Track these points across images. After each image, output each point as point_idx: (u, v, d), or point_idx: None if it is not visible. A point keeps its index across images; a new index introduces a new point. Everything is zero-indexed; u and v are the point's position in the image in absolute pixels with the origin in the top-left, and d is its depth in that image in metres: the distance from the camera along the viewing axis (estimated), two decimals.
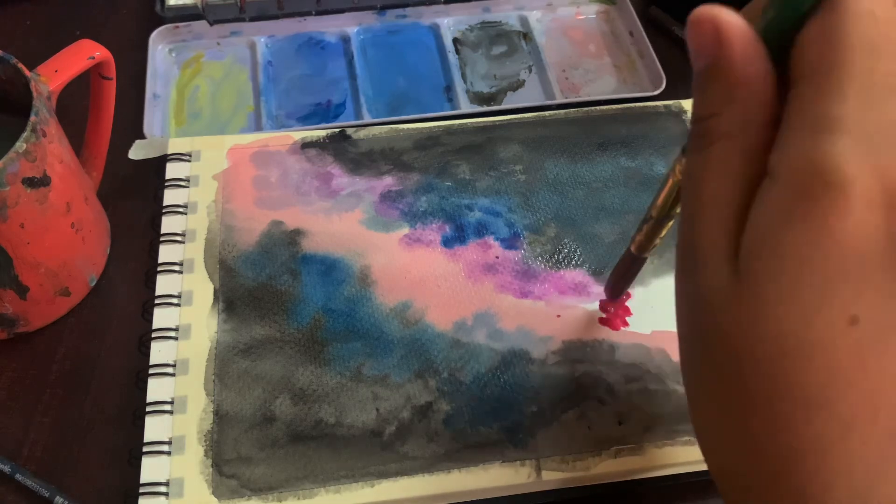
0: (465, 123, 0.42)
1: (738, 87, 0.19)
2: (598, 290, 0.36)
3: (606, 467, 0.31)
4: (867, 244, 0.17)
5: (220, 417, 0.32)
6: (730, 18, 0.19)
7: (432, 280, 0.36)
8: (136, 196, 0.40)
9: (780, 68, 0.19)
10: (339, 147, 0.41)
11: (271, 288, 0.36)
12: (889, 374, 0.18)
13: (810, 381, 0.18)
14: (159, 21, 0.47)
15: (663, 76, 0.45)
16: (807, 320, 0.17)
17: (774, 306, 0.18)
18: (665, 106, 0.43)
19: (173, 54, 0.47)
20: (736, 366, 0.19)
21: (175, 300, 0.35)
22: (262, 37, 0.48)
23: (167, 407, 0.32)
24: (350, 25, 0.49)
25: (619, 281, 0.34)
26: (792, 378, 0.18)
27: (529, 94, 0.47)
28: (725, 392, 0.20)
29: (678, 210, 0.27)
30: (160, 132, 0.43)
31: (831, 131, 0.17)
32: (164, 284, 0.35)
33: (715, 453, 0.21)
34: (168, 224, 0.37)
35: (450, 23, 0.50)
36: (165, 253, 0.36)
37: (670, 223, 0.28)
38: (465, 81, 0.47)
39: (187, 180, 0.39)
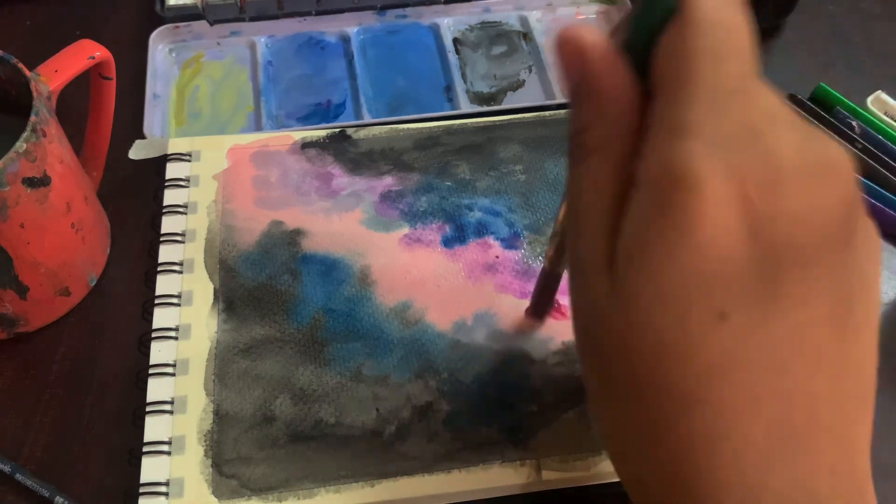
0: (465, 123, 0.42)
1: (602, 102, 0.20)
2: None
3: (606, 467, 0.31)
4: (726, 241, 0.17)
5: (220, 417, 0.32)
6: (590, 37, 0.20)
7: (432, 280, 0.36)
8: (136, 196, 0.40)
9: (647, 80, 0.20)
10: (339, 147, 0.41)
11: (271, 288, 0.36)
12: (765, 366, 0.18)
13: (687, 378, 0.18)
14: (159, 21, 0.47)
15: None
16: (678, 321, 0.18)
17: (647, 310, 0.18)
18: None
19: (173, 54, 0.48)
20: (619, 371, 0.19)
21: (175, 300, 0.35)
22: (262, 37, 0.48)
23: (167, 407, 0.32)
24: (350, 25, 0.49)
25: (541, 298, 0.33)
26: (670, 378, 0.18)
27: (529, 94, 0.47)
28: (615, 397, 0.20)
29: None
30: (160, 132, 0.43)
31: (683, 136, 0.18)
32: (164, 284, 0.35)
33: (618, 460, 0.22)
34: (168, 224, 0.37)
35: (450, 23, 0.50)
36: (165, 253, 0.36)
37: None
38: (465, 81, 0.47)
39: (187, 180, 0.39)
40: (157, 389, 0.33)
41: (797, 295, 0.18)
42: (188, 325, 0.34)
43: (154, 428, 0.32)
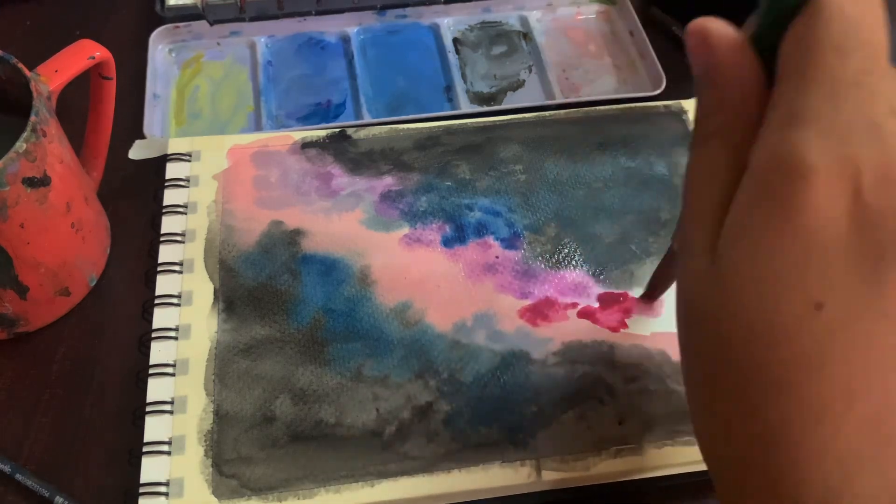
0: (465, 123, 0.42)
1: (726, 90, 0.20)
2: (599, 291, 0.36)
3: (606, 467, 0.31)
4: (830, 231, 0.17)
5: (220, 417, 0.32)
6: (718, 28, 0.20)
7: (432, 280, 0.36)
8: (136, 196, 0.40)
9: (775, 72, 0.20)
10: (339, 147, 0.41)
11: (271, 288, 0.36)
12: (860, 362, 0.18)
13: (777, 364, 0.18)
14: (159, 21, 0.47)
15: (663, 76, 0.45)
16: (773, 305, 0.18)
17: (742, 290, 0.18)
18: (665, 106, 0.43)
19: (173, 54, 0.47)
20: (713, 350, 0.20)
21: (175, 300, 0.35)
22: (262, 37, 0.48)
23: (167, 407, 0.32)
24: (350, 25, 0.49)
25: (661, 279, 0.34)
26: (759, 361, 0.18)
27: (529, 94, 0.47)
28: (708, 377, 0.20)
29: None
30: (160, 132, 0.43)
31: (797, 125, 0.18)
32: (164, 284, 0.35)
33: (705, 441, 0.22)
34: (168, 224, 0.37)
35: (450, 23, 0.50)
36: (165, 253, 0.36)
37: None
38: (465, 81, 0.47)
39: (187, 180, 0.39)
40: (157, 389, 0.33)
41: None
42: (188, 325, 0.34)
43: (154, 428, 0.32)
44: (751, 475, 0.19)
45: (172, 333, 0.34)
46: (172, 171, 0.39)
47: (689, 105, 0.43)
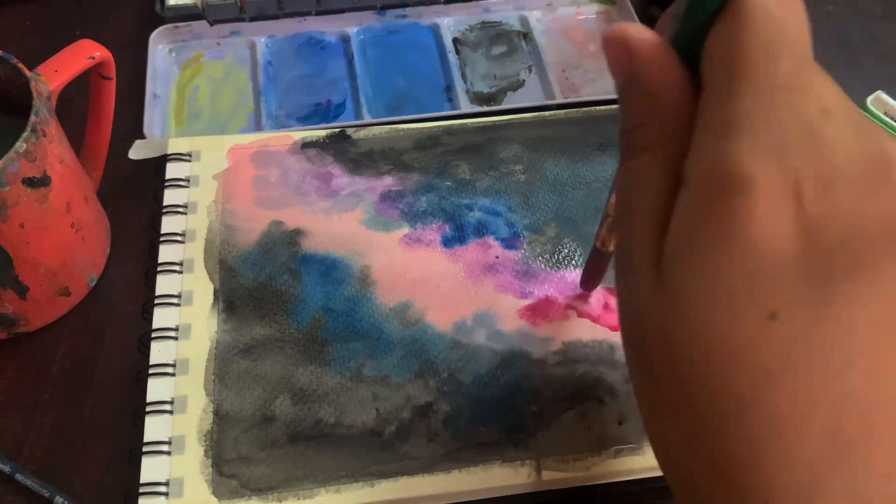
0: (465, 123, 0.42)
1: (653, 98, 0.20)
2: (598, 291, 0.36)
3: (606, 467, 0.31)
4: (777, 242, 0.17)
5: (220, 417, 0.32)
6: (638, 33, 0.19)
7: (432, 280, 0.36)
8: (136, 196, 0.40)
9: (698, 74, 0.19)
10: (339, 147, 0.41)
11: (271, 288, 0.36)
12: (819, 369, 0.17)
13: (736, 380, 0.18)
14: (159, 21, 0.47)
15: None
16: (726, 320, 0.18)
17: (694, 309, 0.18)
18: None
19: (173, 54, 0.48)
20: (667, 370, 0.19)
21: (175, 300, 0.35)
22: (262, 37, 0.48)
23: (167, 407, 0.32)
24: (350, 25, 0.49)
25: (591, 274, 0.34)
26: (718, 378, 0.18)
27: (529, 94, 0.47)
28: (662, 396, 0.20)
29: None
30: (160, 132, 0.43)
31: (733, 134, 0.17)
32: (164, 284, 0.35)
33: (663, 457, 0.21)
34: (168, 224, 0.37)
35: (450, 23, 0.50)
36: (165, 253, 0.36)
37: None
38: (465, 81, 0.47)
39: (187, 180, 0.39)
40: (157, 389, 0.33)
41: (852, 298, 0.17)
42: (188, 325, 0.34)
43: (154, 428, 0.32)
44: (719, 492, 0.19)
45: (172, 333, 0.34)
46: (172, 171, 0.39)
47: None
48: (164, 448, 0.31)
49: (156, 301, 0.35)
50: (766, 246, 0.17)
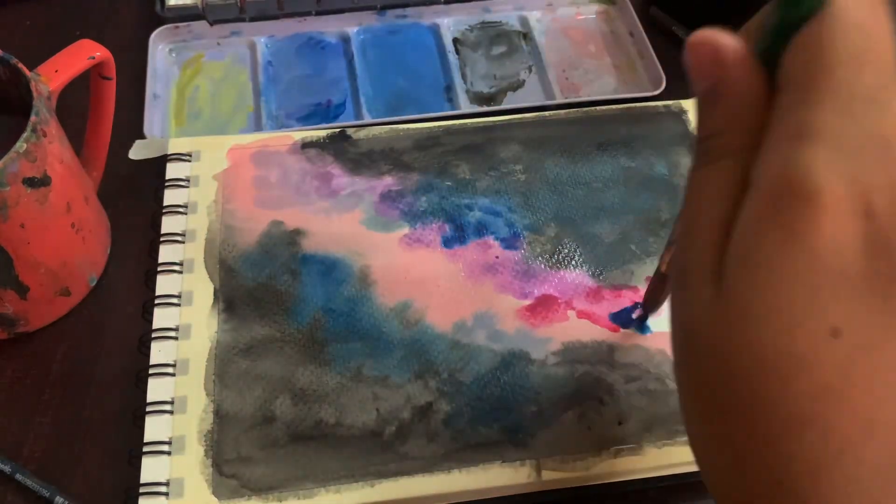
0: (465, 123, 0.42)
1: (736, 107, 0.19)
2: (598, 290, 0.36)
3: (606, 467, 0.31)
4: (844, 254, 0.17)
5: (220, 417, 0.32)
6: (728, 42, 0.19)
7: (432, 280, 0.36)
8: (136, 196, 0.40)
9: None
10: (339, 147, 0.41)
11: (271, 288, 0.36)
12: (881, 390, 0.17)
13: (796, 396, 0.17)
14: (159, 21, 0.47)
15: (663, 76, 0.45)
16: (787, 334, 0.17)
17: (754, 320, 0.17)
18: (665, 106, 0.43)
19: (173, 54, 0.47)
20: (720, 385, 0.19)
21: (175, 300, 0.35)
22: (262, 37, 0.48)
23: (167, 407, 0.32)
24: (350, 25, 0.49)
25: (652, 302, 0.34)
26: (776, 393, 0.17)
27: (529, 94, 0.47)
28: (713, 412, 0.19)
29: None
30: (160, 132, 0.43)
31: (805, 141, 0.17)
32: (164, 284, 0.35)
33: (708, 471, 0.21)
34: (168, 224, 0.37)
35: (450, 23, 0.50)
36: (165, 253, 0.36)
37: None
38: (465, 81, 0.47)
39: (187, 180, 0.39)
40: (157, 389, 0.33)
41: None
42: (188, 325, 0.34)
43: (154, 428, 0.32)
44: None
45: (172, 333, 0.34)
46: (172, 171, 0.39)
47: (689, 105, 0.43)
48: (165, 448, 0.31)
49: (156, 301, 0.35)
50: (831, 259, 0.17)
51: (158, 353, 0.34)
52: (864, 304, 0.17)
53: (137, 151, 0.39)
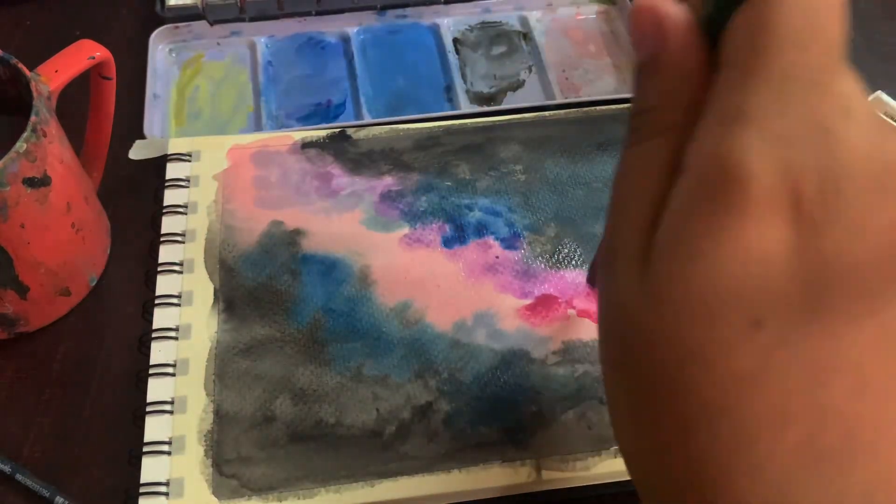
0: (465, 123, 0.42)
1: (675, 83, 0.18)
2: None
3: (606, 467, 0.31)
4: (770, 244, 0.16)
5: (220, 417, 0.32)
6: (671, 10, 0.18)
7: (432, 280, 0.36)
8: (136, 196, 0.40)
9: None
10: (339, 147, 0.41)
11: (271, 288, 0.36)
12: (799, 380, 0.16)
13: (711, 385, 0.17)
14: (159, 21, 0.47)
15: None
16: (707, 322, 0.17)
17: (676, 308, 0.17)
18: None
19: (173, 54, 0.48)
20: (641, 371, 0.18)
21: (175, 300, 0.35)
22: (262, 37, 0.48)
23: (167, 407, 0.32)
24: (350, 25, 0.49)
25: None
26: (694, 382, 0.17)
27: (529, 94, 0.47)
28: (634, 399, 0.19)
29: None
30: (160, 132, 0.43)
31: (739, 123, 0.16)
32: (164, 284, 0.35)
33: (631, 463, 0.20)
34: (168, 224, 0.37)
35: (450, 23, 0.50)
36: (165, 253, 0.36)
37: None
38: (465, 81, 0.47)
39: (187, 180, 0.39)
40: (157, 389, 0.33)
41: (845, 312, 0.16)
42: (188, 325, 0.34)
43: (154, 428, 0.32)
44: (683, 497, 0.18)
45: (172, 333, 0.34)
46: (172, 171, 0.39)
47: None
48: (165, 448, 0.31)
49: (156, 301, 0.35)
50: (757, 247, 0.16)
51: (158, 353, 0.34)
52: (789, 296, 0.16)
53: (137, 151, 0.39)
